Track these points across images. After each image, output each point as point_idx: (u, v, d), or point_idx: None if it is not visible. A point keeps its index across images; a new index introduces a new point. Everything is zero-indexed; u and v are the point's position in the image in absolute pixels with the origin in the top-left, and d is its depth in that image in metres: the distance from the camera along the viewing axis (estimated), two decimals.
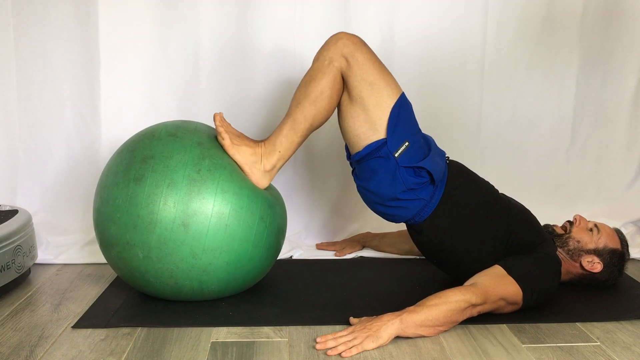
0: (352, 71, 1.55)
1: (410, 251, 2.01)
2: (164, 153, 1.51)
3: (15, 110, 2.08)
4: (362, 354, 1.34)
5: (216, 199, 1.48)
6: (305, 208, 2.21)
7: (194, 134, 1.57)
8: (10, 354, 1.34)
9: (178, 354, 1.34)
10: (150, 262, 1.49)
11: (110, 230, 1.52)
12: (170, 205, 1.46)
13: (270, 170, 1.61)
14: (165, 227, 1.46)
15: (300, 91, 1.59)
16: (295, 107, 1.58)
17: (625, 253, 1.74)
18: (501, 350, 1.38)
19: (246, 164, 1.58)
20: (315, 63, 1.58)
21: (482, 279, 1.51)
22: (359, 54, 1.55)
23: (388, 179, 1.59)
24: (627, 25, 2.20)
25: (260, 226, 1.55)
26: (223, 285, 1.57)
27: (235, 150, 1.58)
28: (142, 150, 1.53)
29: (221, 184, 1.50)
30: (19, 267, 1.71)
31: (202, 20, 2.06)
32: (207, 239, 1.48)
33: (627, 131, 2.30)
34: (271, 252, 1.63)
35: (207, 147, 1.55)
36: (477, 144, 2.25)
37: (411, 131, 1.60)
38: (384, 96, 1.56)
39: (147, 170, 1.49)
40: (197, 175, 1.48)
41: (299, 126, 1.58)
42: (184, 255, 1.48)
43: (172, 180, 1.47)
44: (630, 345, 1.42)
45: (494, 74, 2.20)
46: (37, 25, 2.02)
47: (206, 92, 2.11)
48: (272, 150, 1.60)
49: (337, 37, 1.57)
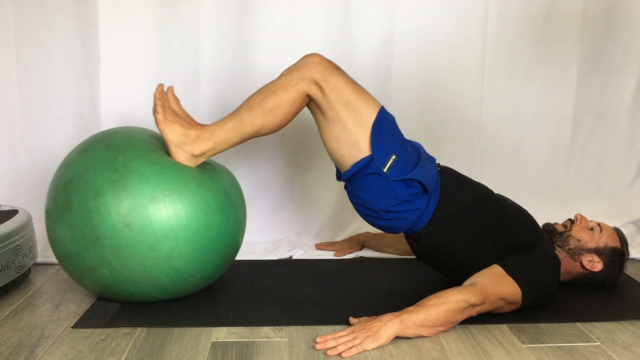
0: (325, 95, 1.53)
1: (409, 251, 2.00)
2: (79, 171, 1.51)
3: (16, 110, 2.08)
4: (362, 354, 1.34)
5: (143, 188, 1.46)
6: (306, 208, 2.21)
7: (102, 140, 1.56)
8: (10, 354, 1.34)
9: (178, 354, 1.34)
10: (119, 274, 1.49)
11: (71, 263, 1.54)
12: (105, 214, 1.45)
13: (198, 156, 1.57)
14: (111, 236, 1.45)
15: (257, 98, 1.56)
16: (247, 110, 1.56)
17: (625, 252, 1.74)
18: (501, 350, 1.38)
19: (174, 142, 1.55)
20: (282, 79, 1.56)
21: (481, 278, 1.51)
22: (330, 77, 1.53)
23: (380, 194, 1.58)
24: (627, 25, 2.20)
25: (201, 193, 1.52)
26: (199, 263, 1.54)
27: (166, 125, 1.55)
28: (61, 179, 1.54)
29: (142, 172, 1.48)
30: (19, 267, 1.71)
31: (202, 20, 2.06)
32: (154, 228, 1.46)
33: (627, 131, 2.30)
34: (227, 214, 1.58)
35: (116, 146, 1.53)
36: (477, 144, 2.25)
37: (396, 143, 1.59)
38: (363, 114, 1.54)
39: (70, 194, 1.49)
40: (116, 175, 1.47)
41: (243, 130, 1.56)
42: (143, 252, 1.47)
43: (95, 191, 1.46)
44: (630, 345, 1.42)
45: (494, 74, 2.20)
46: (37, 25, 2.02)
47: (206, 92, 2.11)
48: (207, 138, 1.56)
49: (308, 59, 1.55)
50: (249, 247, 2.05)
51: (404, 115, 2.21)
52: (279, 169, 2.19)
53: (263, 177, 2.19)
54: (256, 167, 2.18)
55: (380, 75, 2.15)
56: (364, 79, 2.13)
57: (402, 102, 2.17)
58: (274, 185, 2.20)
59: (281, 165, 2.18)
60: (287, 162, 2.16)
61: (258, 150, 2.15)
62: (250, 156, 2.16)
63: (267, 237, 2.16)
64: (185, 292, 1.61)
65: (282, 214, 2.21)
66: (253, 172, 2.18)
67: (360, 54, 2.13)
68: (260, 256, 2.02)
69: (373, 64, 2.14)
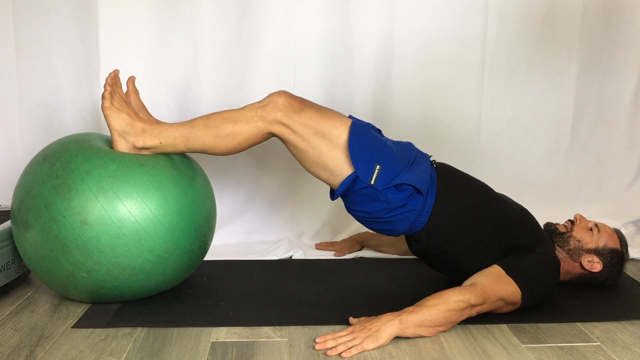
0: (292, 130, 1.53)
1: (409, 251, 2.00)
2: (25, 190, 1.53)
3: (15, 110, 2.08)
4: (362, 354, 1.34)
5: (88, 184, 1.46)
6: (305, 208, 2.21)
7: (39, 156, 1.58)
8: (10, 354, 1.34)
9: (178, 354, 1.34)
10: (96, 272, 1.49)
11: (52, 278, 1.55)
12: (60, 220, 1.46)
13: (139, 149, 1.56)
14: (74, 239, 1.46)
15: (217, 120, 1.56)
16: (202, 127, 1.55)
17: (624, 253, 1.75)
18: (501, 350, 1.38)
19: (116, 130, 1.54)
20: (245, 111, 1.55)
21: (481, 279, 1.51)
22: (294, 116, 1.53)
23: (375, 204, 1.57)
24: (627, 25, 2.20)
25: (147, 171, 1.52)
26: (170, 237, 1.53)
27: (111, 112, 1.54)
28: (14, 205, 1.57)
29: (82, 168, 1.48)
30: (19, 267, 1.71)
31: (202, 20, 2.06)
32: (110, 216, 1.46)
33: (627, 131, 2.30)
34: (184, 183, 1.58)
35: (51, 155, 1.54)
36: (477, 144, 2.24)
37: (377, 152, 1.58)
38: (334, 138, 1.54)
39: (25, 213, 1.51)
40: (57, 181, 1.48)
41: (192, 144, 1.56)
42: (110, 243, 1.47)
43: (45, 202, 1.48)
44: (630, 345, 1.42)
45: (494, 74, 2.20)
46: (37, 25, 2.02)
47: (206, 92, 2.11)
48: (155, 136, 1.55)
49: (273, 99, 1.54)
50: (249, 247, 2.05)
51: (403, 115, 2.21)
52: (278, 169, 2.19)
53: (263, 177, 2.19)
54: (256, 166, 2.18)
55: (380, 76, 2.15)
56: (364, 79, 2.15)
57: (402, 102, 2.17)
58: (273, 185, 2.20)
59: (281, 165, 2.18)
60: (286, 161, 2.15)
61: (257, 150, 2.15)
62: (250, 156, 2.16)
63: (267, 237, 2.16)
64: (174, 276, 1.60)
65: (282, 214, 2.21)
66: (253, 172, 2.18)
67: (360, 54, 2.13)
68: (260, 256, 2.02)
69: (373, 64, 2.14)
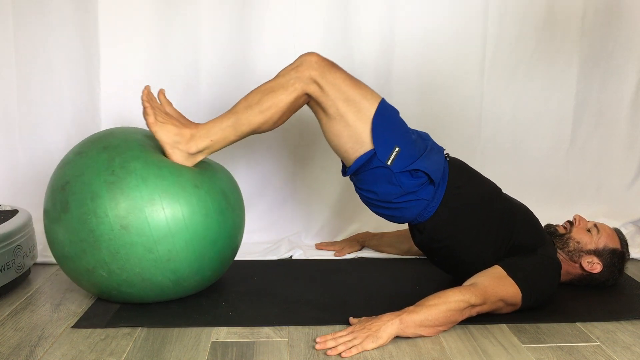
0: (324, 92, 1.53)
1: (409, 251, 2.01)
2: (76, 174, 1.50)
3: (15, 109, 2.08)
4: (362, 354, 1.34)
5: (141, 191, 1.46)
6: (305, 208, 2.21)
7: (99, 142, 1.55)
8: (10, 354, 1.34)
9: (178, 354, 1.34)
10: (117, 276, 1.49)
11: (69, 265, 1.54)
12: (102, 216, 1.44)
13: (194, 154, 1.56)
14: (108, 238, 1.45)
15: (255, 97, 1.56)
16: (245, 109, 1.55)
17: (625, 253, 1.74)
18: (501, 350, 1.38)
19: (167, 143, 1.55)
20: (280, 78, 1.56)
21: (482, 279, 1.51)
22: (328, 75, 1.54)
23: (386, 186, 1.58)
24: (627, 25, 2.20)
25: (199, 195, 1.51)
26: (197, 265, 1.54)
27: (158, 127, 1.54)
28: (58, 181, 1.53)
29: (140, 174, 1.47)
30: (19, 267, 1.71)
31: (202, 20, 2.06)
32: (151, 230, 1.46)
33: (627, 131, 2.30)
34: (228, 215, 1.58)
35: (112, 148, 1.52)
36: (477, 144, 2.25)
37: (399, 135, 1.59)
38: (362, 108, 1.55)
39: (67, 196, 1.48)
40: (112, 177, 1.46)
41: (240, 128, 1.56)
42: (140, 255, 1.46)
43: (92, 193, 1.46)
44: (630, 345, 1.42)
45: (494, 74, 2.20)
46: (37, 25, 2.02)
47: (206, 92, 2.11)
48: (204, 136, 1.56)
49: (305, 58, 1.55)
50: (249, 247, 2.05)
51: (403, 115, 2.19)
52: (278, 169, 2.19)
53: (263, 177, 2.19)
54: (256, 166, 2.18)
55: (380, 76, 2.15)
56: (364, 79, 2.14)
57: (402, 102, 2.16)
58: (273, 184, 2.20)
59: (281, 165, 2.18)
60: (286, 161, 2.16)
61: (257, 150, 2.15)
62: (250, 156, 2.16)
63: (267, 237, 2.15)
64: (184, 294, 1.61)
65: (282, 214, 2.21)
66: (253, 172, 2.18)
67: (360, 54, 2.13)
68: (260, 256, 2.02)
69: (373, 64, 2.14)
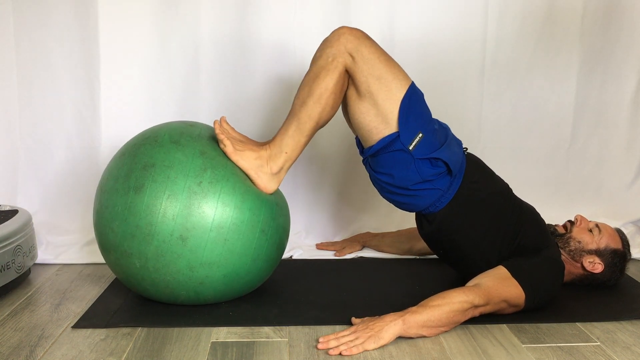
0: (358, 67, 1.51)
1: (409, 251, 2.01)
2: (165, 162, 1.47)
3: (16, 110, 2.08)
4: (362, 353, 1.34)
5: (216, 213, 1.45)
6: (306, 208, 2.21)
7: (197, 142, 1.53)
8: (10, 354, 1.34)
9: (178, 354, 1.34)
10: (147, 272, 1.48)
11: (109, 236, 1.51)
12: (169, 218, 1.43)
13: (277, 173, 1.57)
14: (163, 240, 1.44)
15: (304, 90, 1.55)
16: (300, 106, 1.54)
17: (626, 253, 1.74)
18: (501, 350, 1.38)
19: (251, 168, 1.54)
20: (318, 61, 1.54)
21: (485, 280, 1.50)
22: (363, 49, 1.51)
23: (404, 171, 1.56)
24: (627, 25, 2.20)
25: (261, 240, 1.52)
26: (219, 295, 1.56)
27: (238, 156, 1.53)
28: (143, 157, 1.49)
29: (222, 197, 1.46)
30: (19, 267, 1.71)
31: (202, 20, 2.06)
32: (204, 253, 1.46)
33: (627, 131, 2.30)
34: (270, 263, 1.61)
35: (209, 156, 1.50)
36: (477, 144, 2.24)
37: (424, 121, 1.57)
38: (393, 89, 1.53)
39: (147, 179, 1.46)
40: (198, 188, 1.45)
41: (305, 126, 1.55)
42: (181, 268, 1.46)
43: (172, 191, 1.44)
44: (630, 345, 1.42)
45: (494, 74, 2.20)
46: (37, 25, 2.02)
47: (206, 92, 2.11)
48: (278, 152, 1.56)
49: (339, 32, 1.53)
50: None
51: None
52: None
53: None
54: None
55: None
56: None
57: None
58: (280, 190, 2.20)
59: None
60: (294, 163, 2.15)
61: None
62: None
63: None
64: (192, 305, 1.61)
65: None
66: None
67: None
68: None
69: None
